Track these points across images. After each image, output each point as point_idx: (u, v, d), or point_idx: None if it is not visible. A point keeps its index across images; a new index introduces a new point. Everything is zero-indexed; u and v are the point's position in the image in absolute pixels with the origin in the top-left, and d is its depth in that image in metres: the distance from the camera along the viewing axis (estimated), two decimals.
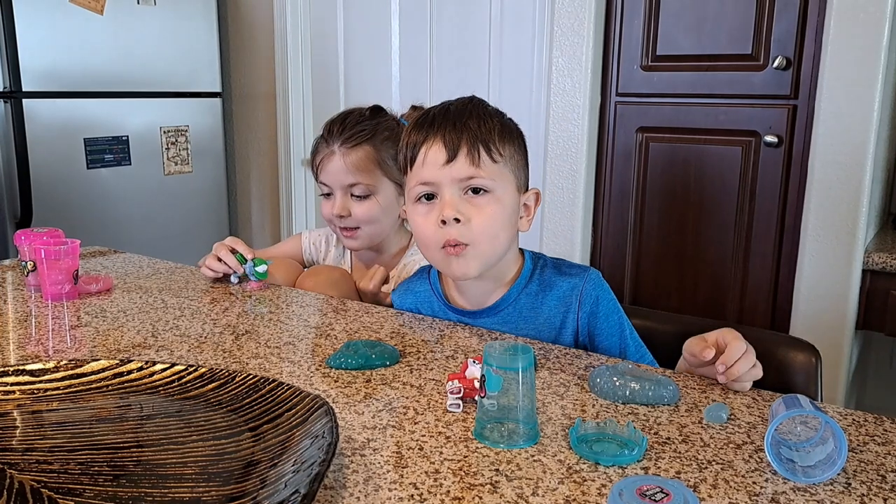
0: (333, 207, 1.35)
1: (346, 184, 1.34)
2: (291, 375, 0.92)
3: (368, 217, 1.35)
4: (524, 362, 0.74)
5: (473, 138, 1.01)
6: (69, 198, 2.49)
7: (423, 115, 1.06)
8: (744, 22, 1.90)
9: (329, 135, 1.36)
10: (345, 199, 1.35)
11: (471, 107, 1.05)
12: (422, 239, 1.06)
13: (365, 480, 0.67)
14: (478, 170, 1.01)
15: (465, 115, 1.03)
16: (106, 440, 0.70)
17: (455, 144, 1.01)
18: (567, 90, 2.13)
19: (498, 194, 1.02)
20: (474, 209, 1.01)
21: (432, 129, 1.03)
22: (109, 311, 1.20)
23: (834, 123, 1.76)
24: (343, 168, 1.33)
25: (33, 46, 2.34)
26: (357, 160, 1.33)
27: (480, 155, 1.01)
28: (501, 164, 1.03)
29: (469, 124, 1.02)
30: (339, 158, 1.33)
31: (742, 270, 2.01)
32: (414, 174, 1.05)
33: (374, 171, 1.34)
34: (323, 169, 1.36)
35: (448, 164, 1.01)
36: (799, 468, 0.69)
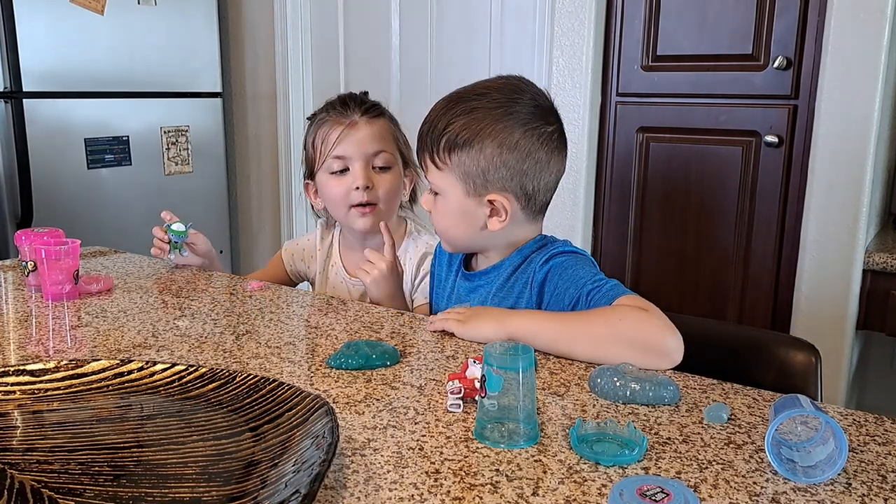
0: (356, 180, 1.32)
1: (371, 152, 1.32)
2: (292, 375, 0.92)
3: (391, 189, 1.34)
4: (524, 362, 0.74)
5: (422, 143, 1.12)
6: (70, 198, 2.49)
7: None
8: (744, 22, 1.90)
9: (345, 107, 1.35)
10: (367, 170, 1.32)
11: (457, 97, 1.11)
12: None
13: (365, 480, 0.67)
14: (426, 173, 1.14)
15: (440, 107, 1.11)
16: (106, 440, 0.71)
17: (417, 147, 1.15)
18: (567, 90, 2.13)
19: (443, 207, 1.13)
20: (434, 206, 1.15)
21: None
22: (110, 311, 1.20)
23: (834, 123, 1.75)
24: (369, 135, 1.32)
25: (34, 46, 2.34)
26: (381, 129, 1.34)
27: (426, 161, 1.12)
28: (447, 174, 1.10)
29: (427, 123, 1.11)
30: (364, 126, 1.32)
31: (742, 270, 2.01)
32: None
33: (392, 143, 1.35)
34: (342, 140, 1.32)
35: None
36: (799, 468, 0.69)
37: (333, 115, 1.35)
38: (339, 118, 1.34)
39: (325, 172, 1.35)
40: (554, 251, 1.11)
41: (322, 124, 1.36)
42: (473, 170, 1.08)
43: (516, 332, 1.00)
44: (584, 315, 1.00)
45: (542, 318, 1.02)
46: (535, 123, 1.08)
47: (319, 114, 1.39)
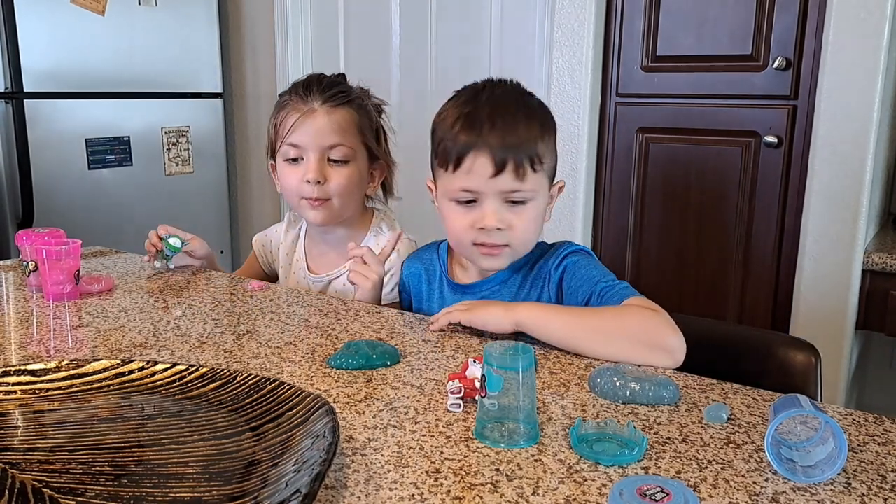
0: (306, 173, 1.25)
1: (327, 145, 1.25)
2: (292, 375, 0.92)
3: (346, 185, 1.26)
4: (525, 362, 0.74)
5: (521, 153, 1.03)
6: (70, 198, 2.49)
7: (471, 109, 1.06)
8: (744, 22, 1.90)
9: (307, 92, 1.27)
10: (321, 163, 1.25)
11: (518, 107, 1.06)
12: (455, 235, 1.11)
13: (366, 480, 0.67)
14: (521, 183, 1.04)
15: (514, 121, 1.04)
16: (107, 440, 0.71)
17: (503, 161, 1.03)
18: (567, 90, 2.13)
19: (536, 200, 1.08)
20: (514, 216, 1.06)
21: (481, 138, 1.03)
22: (111, 311, 1.20)
23: (834, 124, 1.76)
24: (326, 127, 1.24)
25: (35, 47, 2.34)
26: (342, 120, 1.26)
27: (525, 170, 1.04)
28: (541, 172, 1.06)
29: (517, 134, 1.04)
30: (322, 116, 1.24)
31: (742, 270, 2.01)
32: (457, 178, 1.06)
33: (354, 135, 1.27)
34: (297, 128, 1.24)
35: (494, 178, 1.04)
36: (799, 468, 0.69)
37: (295, 99, 1.27)
38: (299, 103, 1.26)
39: (281, 158, 1.30)
40: (566, 251, 1.12)
41: (283, 107, 1.29)
42: (553, 160, 1.10)
43: (523, 319, 1.00)
44: (591, 309, 1.03)
45: (549, 308, 1.03)
46: None
47: (285, 94, 1.32)
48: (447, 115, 1.09)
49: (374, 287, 1.24)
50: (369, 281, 1.23)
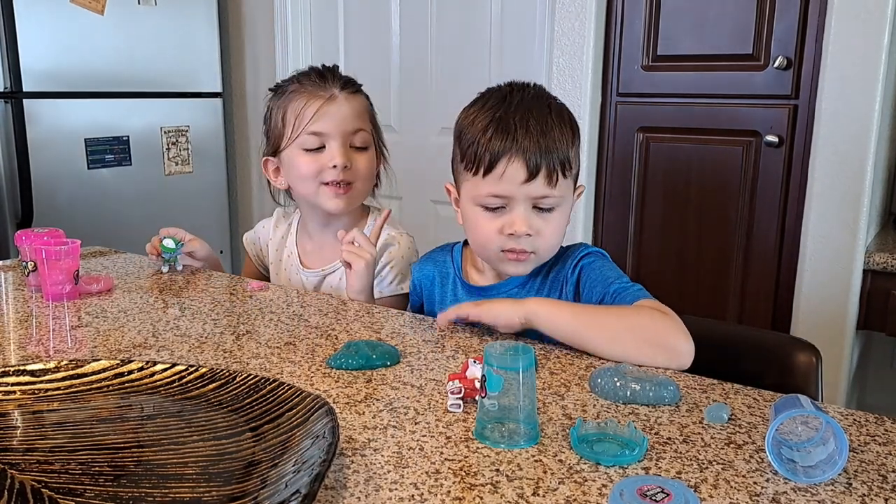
0: (333, 158, 1.23)
1: (350, 130, 1.25)
2: (292, 375, 0.92)
3: (368, 170, 1.28)
4: (525, 362, 0.74)
5: (554, 160, 1.03)
6: (70, 198, 2.49)
7: (502, 113, 1.04)
8: (744, 22, 1.90)
9: (322, 79, 1.26)
10: (345, 148, 1.25)
11: (549, 111, 1.05)
12: (481, 240, 1.10)
13: (366, 480, 0.67)
14: (552, 189, 1.04)
15: (547, 128, 1.03)
16: (107, 440, 0.71)
17: (536, 166, 1.02)
18: (568, 90, 2.13)
19: (563, 206, 1.07)
20: (543, 222, 1.06)
21: (515, 144, 1.02)
22: (110, 311, 1.20)
23: (835, 123, 1.75)
24: (350, 113, 1.25)
25: (34, 47, 2.34)
26: (360, 106, 1.28)
27: (557, 175, 1.03)
28: (570, 177, 1.07)
29: (552, 138, 1.03)
30: (344, 102, 1.25)
31: (743, 270, 2.01)
32: (486, 183, 1.05)
33: (369, 122, 1.29)
34: (321, 116, 1.23)
35: (526, 183, 1.03)
36: (800, 468, 0.69)
37: (309, 87, 1.26)
38: (317, 91, 1.25)
39: (297, 149, 1.26)
40: (582, 253, 1.13)
41: (296, 96, 1.26)
42: (578, 168, 1.09)
43: (533, 313, 1.00)
44: (602, 307, 1.04)
45: (559, 302, 1.04)
46: None
47: (290, 85, 1.30)
48: (476, 120, 1.06)
49: (368, 266, 1.24)
50: (362, 260, 1.23)
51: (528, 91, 1.08)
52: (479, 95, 1.11)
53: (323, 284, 1.37)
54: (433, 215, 2.51)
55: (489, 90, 1.11)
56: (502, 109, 1.04)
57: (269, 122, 1.32)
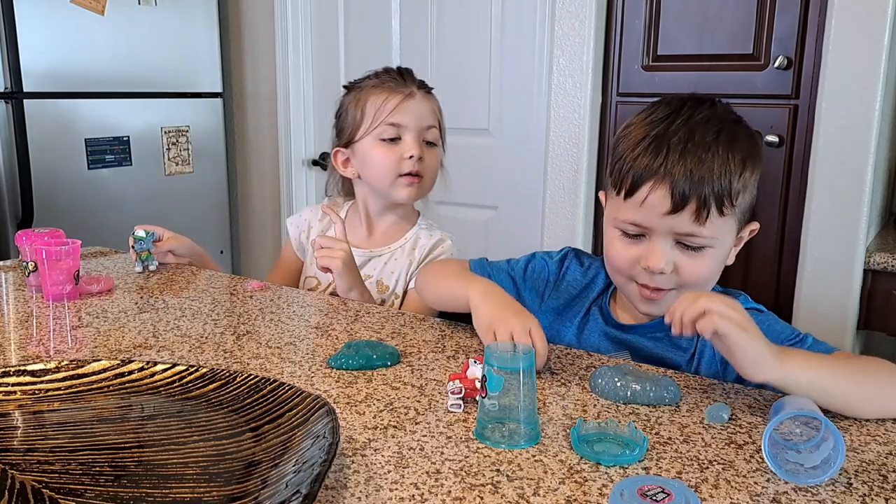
0: (409, 149, 1.31)
1: (425, 126, 1.33)
2: (292, 376, 0.92)
3: (436, 165, 1.36)
4: (525, 362, 0.74)
5: (707, 194, 0.88)
6: (70, 198, 2.49)
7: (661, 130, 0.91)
8: (745, 22, 1.90)
9: (402, 78, 1.36)
10: (419, 141, 1.33)
11: (719, 135, 0.91)
12: (613, 266, 0.98)
13: (366, 481, 0.67)
14: (701, 228, 0.89)
15: (708, 152, 0.88)
16: (107, 440, 0.71)
17: (683, 197, 0.88)
18: (568, 90, 2.13)
19: (719, 249, 0.93)
20: (686, 260, 0.91)
21: (663, 168, 0.88)
22: (110, 311, 1.20)
23: (835, 123, 1.75)
24: (426, 109, 1.34)
25: (34, 47, 2.34)
26: (434, 106, 1.36)
27: (710, 212, 0.89)
28: (730, 215, 0.91)
29: (709, 167, 0.88)
30: (421, 99, 1.34)
31: (743, 270, 2.01)
32: (626, 207, 0.93)
33: (439, 122, 1.37)
34: (401, 110, 1.31)
35: (669, 215, 0.89)
36: (797, 469, 0.69)
37: (389, 83, 1.35)
38: (398, 87, 1.34)
39: (374, 139, 1.33)
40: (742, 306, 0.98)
41: (377, 90, 1.34)
42: (748, 204, 0.93)
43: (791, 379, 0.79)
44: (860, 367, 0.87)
45: (821, 365, 0.83)
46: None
47: (369, 80, 1.38)
48: (632, 132, 0.94)
49: (346, 263, 1.25)
50: (338, 259, 1.24)
51: (702, 108, 0.93)
52: (652, 104, 0.98)
53: (367, 265, 1.39)
54: (434, 216, 2.50)
55: (664, 99, 0.97)
56: (663, 125, 0.91)
57: (344, 116, 1.39)
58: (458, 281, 1.07)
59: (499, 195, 2.39)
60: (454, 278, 1.10)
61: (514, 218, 2.37)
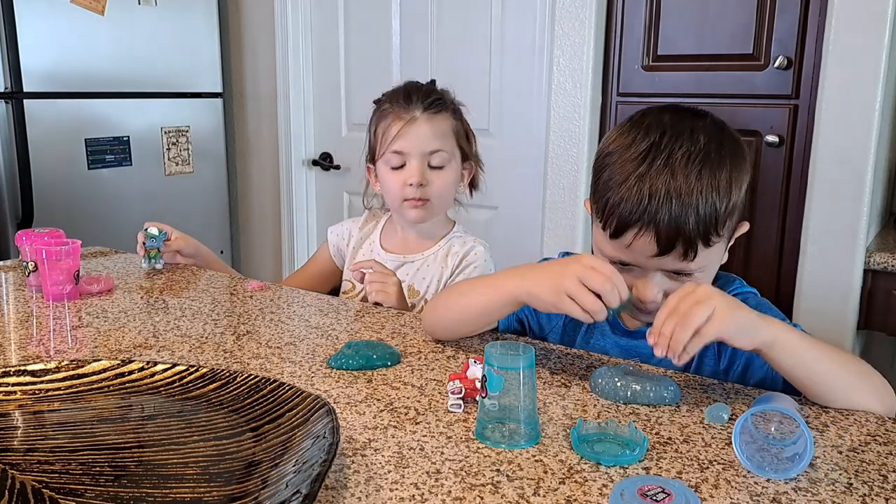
0: (410, 176, 1.32)
1: (429, 150, 1.33)
2: (293, 376, 0.92)
3: (444, 188, 1.36)
4: (525, 362, 0.74)
5: (694, 233, 0.87)
6: (70, 198, 2.49)
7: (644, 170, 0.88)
8: (745, 22, 1.90)
9: (408, 100, 1.35)
10: (422, 166, 1.33)
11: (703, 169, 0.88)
12: None
13: (366, 481, 0.67)
14: (688, 264, 0.89)
15: (692, 194, 0.86)
16: (107, 440, 0.71)
17: (670, 242, 0.87)
18: (568, 90, 2.13)
19: (707, 271, 0.93)
20: (677, 286, 0.90)
21: (647, 215, 0.87)
22: (110, 311, 1.20)
23: (835, 123, 1.75)
24: (429, 133, 1.33)
25: (34, 47, 2.34)
26: (441, 126, 1.35)
27: (696, 250, 0.88)
28: (718, 243, 0.91)
29: (695, 210, 0.86)
30: (423, 123, 1.33)
31: (743, 270, 2.01)
32: (613, 245, 0.92)
33: (451, 140, 1.36)
34: (401, 136, 1.33)
35: (656, 257, 0.89)
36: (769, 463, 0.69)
37: (396, 108, 1.35)
38: (401, 112, 1.34)
39: (385, 165, 1.37)
40: (737, 290, 1.00)
41: (384, 116, 1.36)
42: (737, 216, 0.94)
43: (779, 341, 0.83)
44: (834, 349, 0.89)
45: (803, 337, 0.86)
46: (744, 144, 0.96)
47: (384, 103, 1.39)
48: (615, 165, 0.91)
49: (398, 295, 1.28)
50: (392, 296, 1.26)
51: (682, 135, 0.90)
52: (634, 121, 0.95)
53: (400, 270, 1.41)
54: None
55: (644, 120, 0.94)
56: (645, 164, 0.88)
57: (370, 133, 1.42)
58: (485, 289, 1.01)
59: (499, 195, 2.39)
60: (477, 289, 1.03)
61: (514, 218, 2.37)
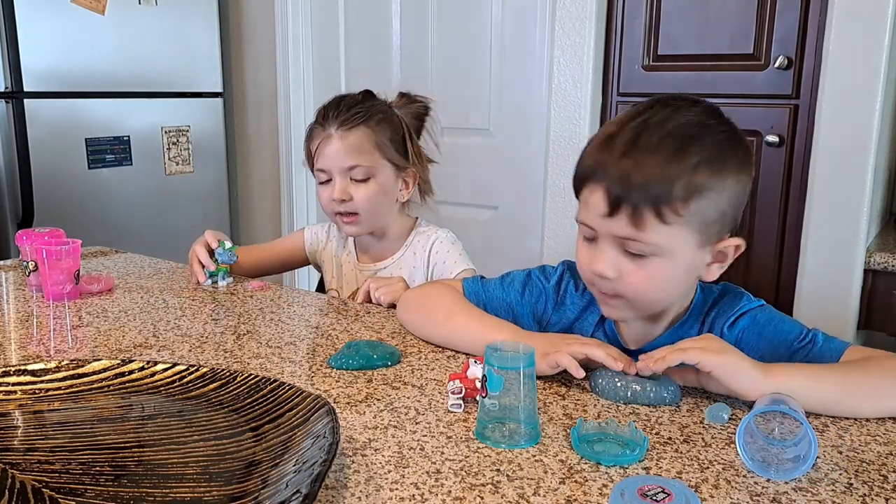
0: (333, 192, 1.33)
1: (346, 166, 1.33)
2: (293, 375, 0.92)
3: (369, 201, 1.35)
4: (525, 362, 0.74)
5: (642, 195, 0.82)
6: (70, 198, 2.49)
7: (616, 129, 0.87)
8: (745, 22, 1.90)
9: (324, 119, 1.36)
10: (344, 182, 1.34)
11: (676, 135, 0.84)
12: (578, 267, 0.95)
13: (366, 480, 0.67)
14: (639, 233, 0.84)
15: (650, 155, 0.83)
16: (107, 440, 0.71)
17: (617, 199, 0.83)
18: (568, 90, 2.13)
19: (667, 258, 0.86)
20: (630, 267, 0.86)
21: (602, 167, 0.85)
22: (111, 311, 1.20)
23: (835, 123, 1.75)
24: (342, 150, 1.33)
25: (35, 46, 2.34)
26: (356, 142, 1.33)
27: (644, 218, 0.82)
28: (678, 224, 0.83)
29: (647, 168, 0.82)
30: (336, 141, 1.33)
31: (743, 270, 2.01)
32: (580, 206, 0.91)
33: (372, 152, 1.34)
34: (321, 154, 1.34)
35: (606, 218, 0.85)
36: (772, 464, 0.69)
37: (317, 125, 1.37)
38: (319, 130, 1.36)
39: (316, 181, 1.40)
40: (740, 311, 0.95)
41: (311, 134, 1.39)
42: (713, 215, 0.85)
43: (785, 388, 0.79)
44: (853, 366, 0.86)
45: (810, 372, 0.84)
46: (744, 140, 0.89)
47: (311, 122, 1.41)
48: (599, 129, 0.92)
49: (406, 289, 1.27)
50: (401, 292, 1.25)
51: (669, 109, 0.87)
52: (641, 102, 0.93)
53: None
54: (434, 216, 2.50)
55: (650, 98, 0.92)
56: (622, 125, 0.86)
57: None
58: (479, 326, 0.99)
59: (499, 195, 2.39)
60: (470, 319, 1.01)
61: (514, 218, 2.37)
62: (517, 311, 1.07)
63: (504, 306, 1.07)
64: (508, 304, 1.07)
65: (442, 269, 1.39)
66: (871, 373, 0.84)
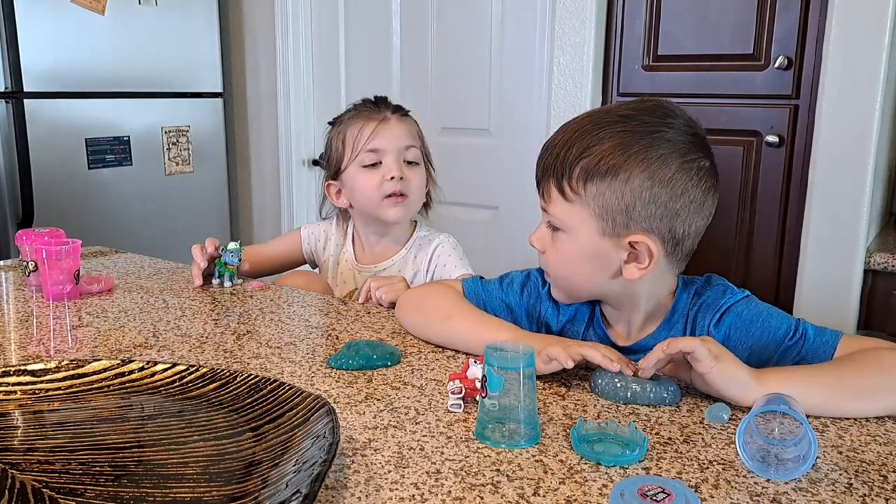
0: (390, 171, 1.36)
1: (404, 146, 1.38)
2: (293, 376, 0.92)
3: (420, 183, 1.40)
4: (525, 362, 0.74)
5: (549, 166, 0.95)
6: (70, 198, 2.49)
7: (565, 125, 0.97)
8: (745, 22, 1.90)
9: (376, 106, 1.41)
10: (399, 163, 1.37)
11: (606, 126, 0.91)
12: None
13: (366, 480, 0.67)
14: (546, 203, 0.96)
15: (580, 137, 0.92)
16: (107, 440, 0.71)
17: (539, 169, 0.97)
18: (569, 90, 2.13)
19: (572, 235, 0.94)
20: (552, 243, 0.97)
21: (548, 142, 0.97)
22: (111, 311, 1.20)
23: (835, 123, 1.75)
24: (401, 131, 1.39)
25: (34, 47, 2.34)
26: (410, 127, 1.42)
27: (550, 190, 0.95)
28: (576, 203, 0.92)
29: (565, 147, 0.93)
30: (396, 123, 1.39)
31: (743, 270, 2.01)
32: None
33: (419, 141, 1.41)
34: (377, 135, 1.37)
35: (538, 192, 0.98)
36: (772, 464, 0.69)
37: (365, 112, 1.41)
38: (372, 115, 1.39)
39: (357, 166, 1.39)
40: (725, 305, 0.97)
41: (354, 121, 1.40)
42: (615, 204, 0.90)
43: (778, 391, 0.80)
44: (847, 365, 0.87)
45: (801, 375, 0.85)
46: (692, 155, 0.91)
47: (348, 113, 1.44)
48: None
49: (406, 288, 1.29)
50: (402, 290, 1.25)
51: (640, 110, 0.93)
52: None
53: None
54: (434, 216, 2.50)
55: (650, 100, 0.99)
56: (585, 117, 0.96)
57: (330, 150, 1.45)
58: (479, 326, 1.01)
59: (499, 195, 2.39)
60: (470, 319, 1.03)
61: (514, 218, 2.37)
62: (516, 311, 1.08)
63: (503, 306, 1.08)
64: (507, 304, 1.08)
65: (442, 272, 1.40)
66: (866, 371, 0.85)
